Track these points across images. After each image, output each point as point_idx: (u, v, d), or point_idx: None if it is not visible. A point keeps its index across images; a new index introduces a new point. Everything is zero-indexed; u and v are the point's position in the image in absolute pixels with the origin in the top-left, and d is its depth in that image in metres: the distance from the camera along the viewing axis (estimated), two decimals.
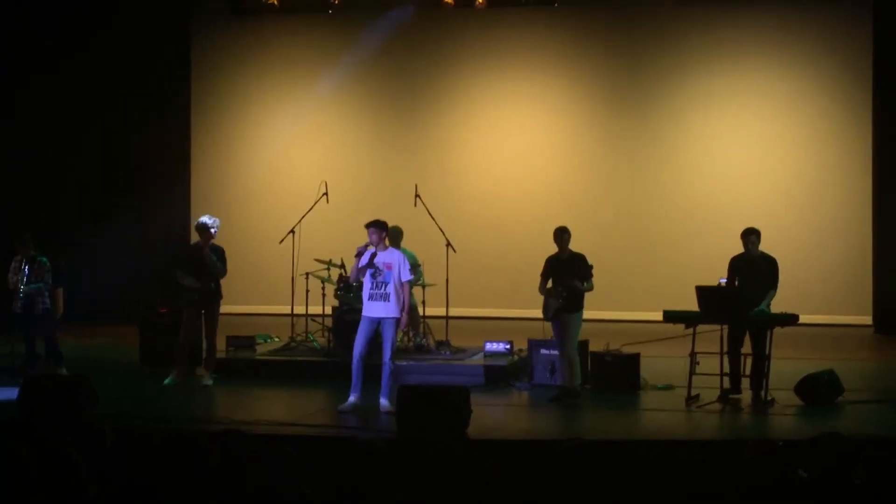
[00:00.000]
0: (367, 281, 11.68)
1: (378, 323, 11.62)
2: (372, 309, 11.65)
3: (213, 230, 13.18)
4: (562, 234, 12.45)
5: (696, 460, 5.41)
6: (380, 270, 11.59)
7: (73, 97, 19.55)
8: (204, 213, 13.55)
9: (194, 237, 13.62)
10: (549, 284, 12.39)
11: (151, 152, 19.83)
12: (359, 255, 11.64)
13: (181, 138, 20.29)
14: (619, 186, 19.43)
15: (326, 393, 12.24)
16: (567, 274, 12.25)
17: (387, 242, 11.73)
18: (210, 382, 13.07)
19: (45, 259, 13.45)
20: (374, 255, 11.56)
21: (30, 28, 19.36)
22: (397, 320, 11.61)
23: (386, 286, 11.57)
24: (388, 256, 11.67)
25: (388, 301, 11.57)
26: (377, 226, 11.65)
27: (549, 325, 12.48)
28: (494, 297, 19.03)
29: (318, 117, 20.35)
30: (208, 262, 13.10)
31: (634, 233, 19.23)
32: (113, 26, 19.47)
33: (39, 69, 19.44)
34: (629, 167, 19.44)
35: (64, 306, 14.09)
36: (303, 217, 15.12)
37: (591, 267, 12.30)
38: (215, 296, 13.20)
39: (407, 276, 11.63)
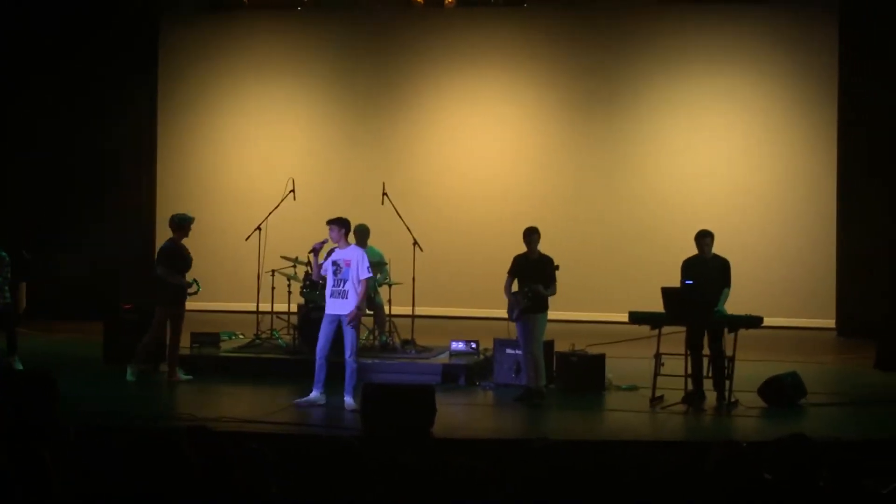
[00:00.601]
0: (329, 278, 11.67)
1: (339, 320, 11.64)
2: (332, 306, 11.68)
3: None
4: (531, 235, 12.37)
5: (662, 461, 5.40)
6: (339, 267, 11.58)
7: (42, 92, 19.40)
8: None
9: (161, 234, 13.36)
10: (515, 284, 12.35)
11: (117, 149, 19.65)
12: (313, 251, 11.73)
13: (148, 135, 20.13)
14: (586, 187, 19.44)
15: (291, 390, 12.15)
16: (534, 276, 12.21)
17: (348, 239, 11.73)
18: (190, 377, 13.06)
19: (4, 254, 13.41)
20: (330, 252, 11.61)
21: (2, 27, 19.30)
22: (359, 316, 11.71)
23: (345, 283, 11.60)
24: (348, 253, 11.66)
25: (347, 298, 11.60)
26: (338, 223, 11.67)
27: (514, 325, 12.41)
28: (461, 297, 19.02)
29: (287, 115, 20.26)
30: (189, 260, 13.16)
31: (601, 233, 19.22)
32: (81, 23, 19.27)
33: (8, 67, 19.32)
34: (596, 168, 19.45)
35: (27, 302, 14.00)
36: (269, 214, 15.00)
37: (556, 268, 12.27)
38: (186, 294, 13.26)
39: (365, 273, 11.60)
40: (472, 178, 19.69)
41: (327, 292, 11.74)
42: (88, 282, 18.50)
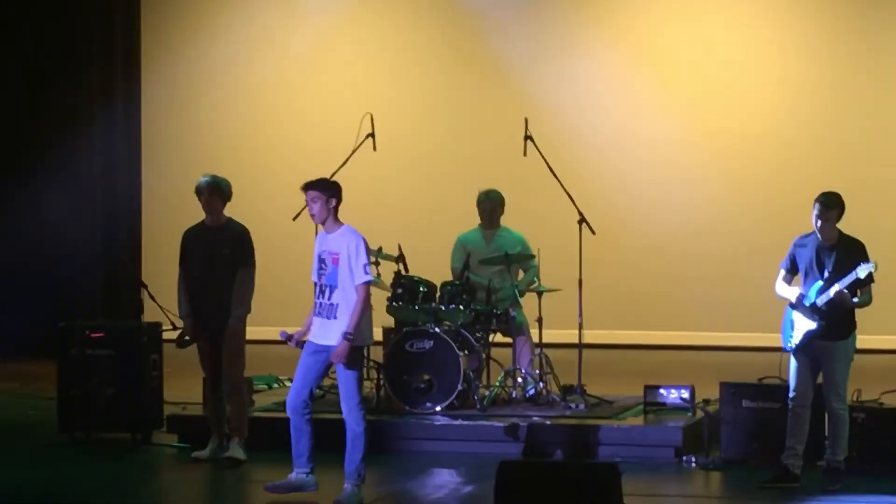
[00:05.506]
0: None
1: (327, 355, 11.65)
2: (317, 330, 11.70)
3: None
4: (829, 208, 11.94)
5: None
6: (325, 266, 11.56)
7: None
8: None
9: (150, 201, 13.48)
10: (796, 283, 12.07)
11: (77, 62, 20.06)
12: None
13: (124, 47, 20.48)
14: None
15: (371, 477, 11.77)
16: (830, 271, 11.91)
17: (337, 216, 11.67)
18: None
19: None
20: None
21: None
22: (359, 350, 11.77)
23: (331, 292, 11.52)
24: (337, 241, 11.55)
25: (336, 318, 11.58)
26: (321, 187, 11.55)
27: (785, 357, 12.28)
28: (662, 314, 19.40)
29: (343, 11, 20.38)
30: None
31: None
32: None
33: None
34: None
35: None
36: (333, 175, 13.93)
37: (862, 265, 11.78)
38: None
39: (364, 275, 11.43)
40: (687, 111, 19.71)
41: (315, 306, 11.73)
42: (29, 286, 18.88)
